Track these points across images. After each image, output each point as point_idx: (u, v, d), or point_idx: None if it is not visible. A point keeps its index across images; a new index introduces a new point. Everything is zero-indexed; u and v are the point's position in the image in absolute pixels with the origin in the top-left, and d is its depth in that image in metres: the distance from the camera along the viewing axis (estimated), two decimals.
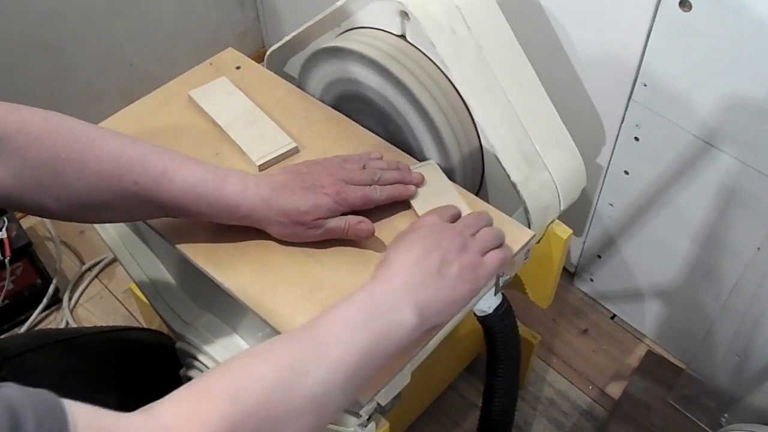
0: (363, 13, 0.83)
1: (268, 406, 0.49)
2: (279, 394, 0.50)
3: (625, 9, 0.91)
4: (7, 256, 1.20)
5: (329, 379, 0.53)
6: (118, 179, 0.63)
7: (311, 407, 0.52)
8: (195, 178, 0.66)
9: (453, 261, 0.63)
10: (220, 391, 0.48)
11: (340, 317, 0.57)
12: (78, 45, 1.37)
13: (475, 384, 1.22)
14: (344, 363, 0.54)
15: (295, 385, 0.51)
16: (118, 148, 0.64)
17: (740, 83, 0.87)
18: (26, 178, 0.62)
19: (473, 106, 0.78)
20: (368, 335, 0.57)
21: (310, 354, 0.53)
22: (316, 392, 0.52)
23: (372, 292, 0.60)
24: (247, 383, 0.49)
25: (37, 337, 0.80)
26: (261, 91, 0.89)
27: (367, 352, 0.56)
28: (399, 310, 0.59)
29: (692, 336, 1.19)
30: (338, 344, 0.55)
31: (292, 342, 0.55)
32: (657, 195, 1.08)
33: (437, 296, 0.62)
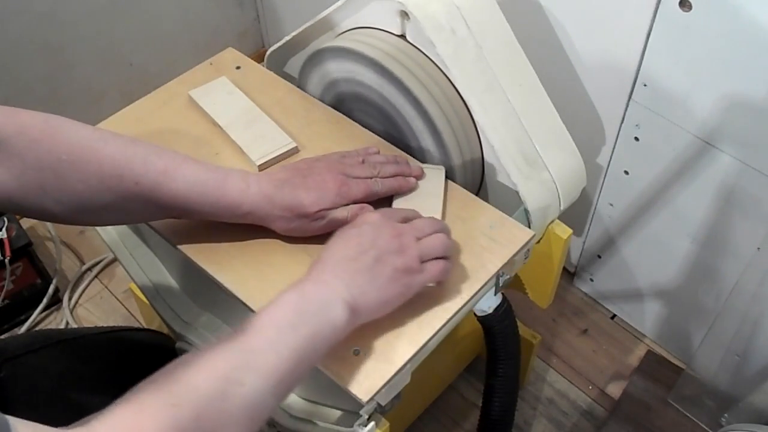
0: (363, 13, 0.83)
1: (205, 417, 0.50)
2: (215, 405, 0.50)
3: (625, 9, 0.91)
4: (7, 256, 1.20)
5: (263, 386, 0.54)
6: (118, 180, 0.63)
7: (246, 415, 0.52)
8: (196, 177, 0.66)
9: (387, 262, 0.63)
10: (158, 405, 0.48)
11: (272, 319, 0.57)
12: (78, 45, 1.37)
13: (475, 384, 1.22)
14: (277, 369, 0.55)
15: (231, 395, 0.51)
16: (118, 149, 0.64)
17: (740, 83, 0.87)
18: (28, 181, 0.62)
19: (473, 106, 0.78)
20: (299, 337, 0.57)
21: (243, 363, 0.54)
22: (251, 401, 0.53)
23: (303, 290, 0.60)
24: (183, 395, 0.50)
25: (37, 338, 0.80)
26: (261, 91, 0.89)
27: (299, 355, 0.56)
28: (330, 307, 0.60)
29: (692, 336, 1.19)
30: (270, 350, 0.55)
31: (226, 351, 0.54)
32: (657, 195, 1.08)
33: (367, 295, 0.62)
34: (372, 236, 0.64)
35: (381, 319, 0.67)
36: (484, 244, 0.74)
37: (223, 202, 0.67)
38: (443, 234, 0.68)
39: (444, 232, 0.69)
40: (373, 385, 0.64)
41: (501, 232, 0.75)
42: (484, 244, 0.74)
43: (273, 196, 0.68)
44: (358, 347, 0.66)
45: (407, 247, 0.65)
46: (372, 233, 0.64)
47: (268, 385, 0.54)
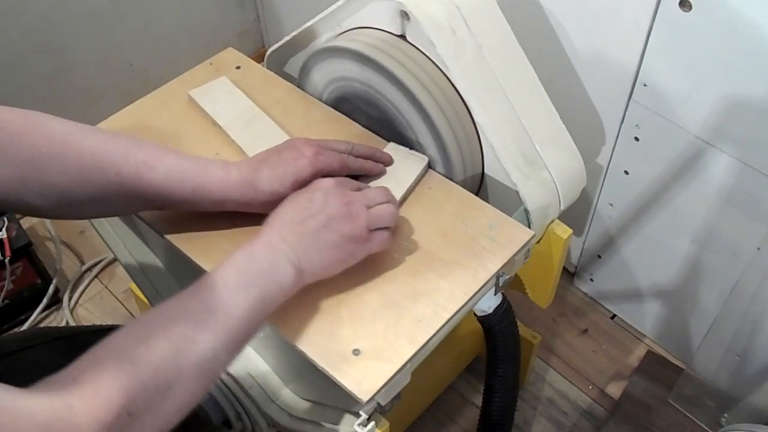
0: (363, 13, 0.83)
1: (161, 376, 0.52)
2: (171, 363, 0.53)
3: (625, 9, 0.91)
4: (7, 256, 1.20)
5: (216, 344, 0.56)
6: (99, 172, 0.64)
7: (200, 373, 0.55)
8: (176, 167, 0.67)
9: (333, 228, 0.65)
10: (118, 365, 0.50)
11: (222, 280, 0.59)
12: (78, 45, 1.37)
13: (475, 384, 1.22)
14: (229, 328, 0.57)
15: (185, 353, 0.54)
16: (98, 142, 0.65)
17: (740, 83, 0.87)
18: (8, 175, 0.62)
19: (473, 106, 0.78)
20: (249, 297, 0.59)
21: (197, 322, 0.56)
22: (204, 358, 0.55)
23: (251, 252, 0.62)
24: (142, 354, 0.52)
25: (35, 335, 0.80)
26: (261, 90, 0.89)
27: (250, 314, 0.59)
28: (277, 268, 0.62)
29: (692, 336, 1.19)
30: (221, 310, 0.57)
31: (180, 310, 0.57)
32: (657, 195, 1.08)
33: (311, 259, 0.64)
34: (322, 202, 0.66)
35: (381, 319, 0.68)
36: (484, 244, 0.74)
37: (204, 190, 0.68)
38: (392, 204, 0.70)
39: (393, 203, 0.71)
40: (373, 385, 0.64)
41: (501, 232, 0.75)
42: (484, 244, 0.74)
43: (253, 180, 0.68)
44: (358, 347, 0.66)
45: (356, 215, 0.67)
46: (322, 199, 0.66)
47: (220, 343, 0.56)
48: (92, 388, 0.49)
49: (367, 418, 0.68)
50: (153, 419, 0.52)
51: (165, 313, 0.57)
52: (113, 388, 0.49)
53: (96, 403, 0.48)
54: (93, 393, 0.48)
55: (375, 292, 0.70)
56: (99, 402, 0.48)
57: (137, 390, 0.50)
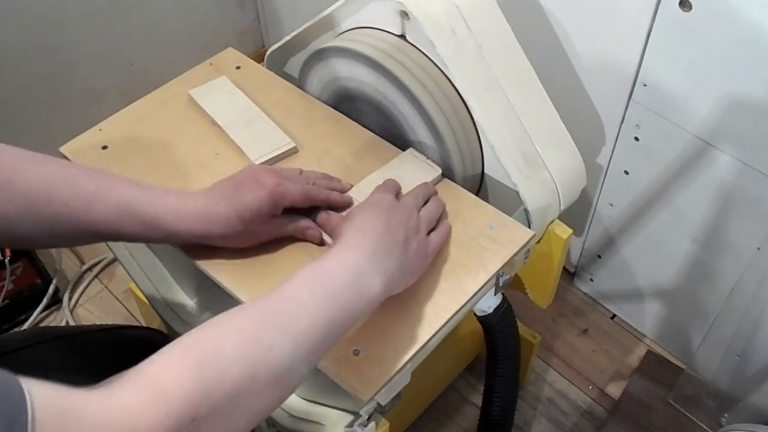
0: (363, 13, 0.83)
1: (232, 382, 0.48)
2: (243, 369, 0.49)
3: (625, 9, 0.91)
4: (7, 256, 1.20)
5: (294, 352, 0.52)
6: (47, 202, 0.61)
7: (275, 382, 0.51)
8: (129, 197, 0.64)
9: (413, 238, 0.66)
10: (183, 368, 0.47)
11: (308, 286, 0.57)
12: (78, 45, 1.36)
13: (475, 384, 1.22)
14: (309, 336, 0.54)
15: (260, 360, 0.50)
16: (48, 171, 0.62)
17: (740, 83, 0.87)
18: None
19: (473, 106, 0.78)
20: (335, 307, 0.57)
21: (275, 327, 0.53)
22: (281, 366, 0.52)
23: (343, 259, 0.60)
24: (210, 359, 0.48)
25: (36, 334, 0.80)
26: (261, 91, 0.89)
27: (332, 324, 0.56)
28: (367, 278, 0.60)
29: (692, 336, 1.19)
30: (304, 317, 0.54)
31: (257, 313, 0.54)
32: (657, 195, 1.08)
33: (402, 267, 0.64)
34: (395, 213, 0.67)
35: (381, 319, 0.68)
36: (484, 244, 0.74)
37: (158, 221, 0.64)
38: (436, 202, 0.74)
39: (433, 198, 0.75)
40: (373, 385, 0.64)
41: (501, 232, 0.75)
42: (484, 244, 0.74)
43: (209, 212, 0.66)
44: (358, 347, 0.66)
45: (420, 223, 0.69)
46: (393, 211, 0.67)
47: (300, 351, 0.53)
48: (154, 389, 0.46)
49: (367, 418, 0.68)
50: (221, 427, 0.48)
51: (241, 315, 0.53)
52: (177, 391, 0.46)
53: (156, 406, 0.45)
54: (154, 395, 0.45)
55: None
56: (159, 405, 0.45)
57: (203, 395, 0.47)
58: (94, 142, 0.83)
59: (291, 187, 0.69)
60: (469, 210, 0.77)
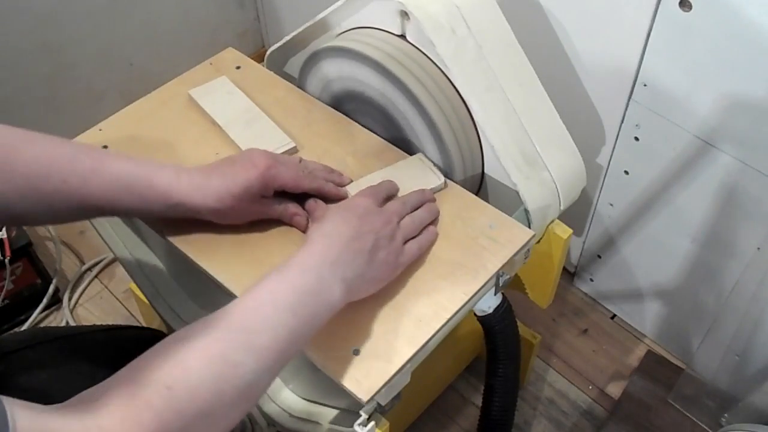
0: (363, 13, 0.83)
1: (200, 400, 0.50)
2: (211, 387, 0.50)
3: (625, 9, 0.91)
4: (7, 256, 1.20)
5: (259, 367, 0.54)
6: (45, 179, 0.63)
7: (242, 396, 0.53)
8: (124, 171, 0.65)
9: (382, 247, 0.66)
10: (153, 388, 0.48)
11: (270, 299, 0.57)
12: (78, 45, 1.36)
13: (475, 384, 1.22)
14: (273, 349, 0.55)
15: (227, 377, 0.52)
16: (44, 149, 0.63)
17: (740, 83, 0.87)
18: None
19: (473, 106, 0.78)
20: (297, 317, 0.57)
21: (240, 344, 0.53)
22: (246, 382, 0.53)
23: (304, 266, 0.60)
24: (178, 378, 0.49)
25: (36, 334, 0.80)
26: (261, 90, 0.89)
27: (295, 335, 0.57)
28: (329, 287, 0.60)
29: (692, 336, 1.19)
30: (267, 330, 0.55)
31: (221, 330, 0.54)
32: (657, 195, 1.08)
33: (364, 276, 0.64)
34: (370, 220, 0.66)
35: (381, 319, 0.68)
36: (484, 244, 0.74)
37: (152, 194, 0.66)
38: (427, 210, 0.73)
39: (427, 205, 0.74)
40: (373, 385, 0.64)
41: (501, 232, 0.75)
42: (484, 244, 0.74)
43: (202, 186, 0.67)
44: (358, 347, 0.66)
45: (395, 232, 0.68)
46: (370, 218, 0.67)
47: (265, 365, 0.54)
48: (126, 412, 0.47)
49: (367, 418, 0.68)
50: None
51: (205, 332, 0.54)
52: (148, 414, 0.47)
53: (129, 429, 0.46)
54: (127, 418, 0.46)
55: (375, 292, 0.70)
56: (132, 428, 0.46)
57: (173, 416, 0.48)
58: (94, 142, 0.83)
59: (283, 171, 0.70)
60: (469, 210, 0.77)
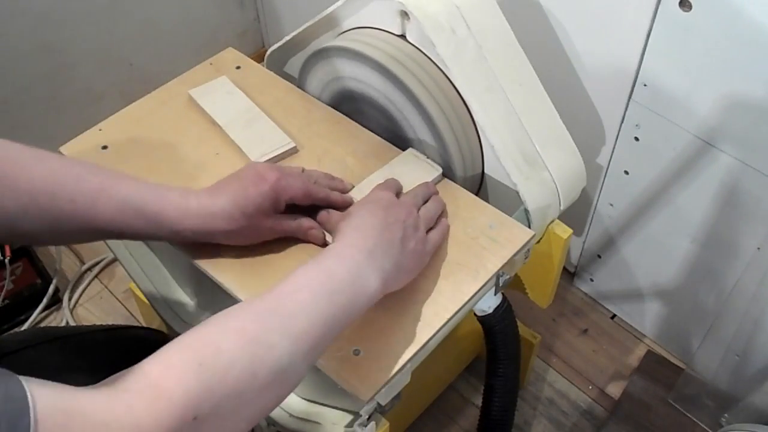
0: (363, 13, 0.83)
1: (233, 380, 0.49)
2: (243, 368, 0.50)
3: (625, 9, 0.91)
4: (7, 256, 1.20)
5: (294, 350, 0.53)
6: (51, 198, 0.61)
7: (276, 380, 0.52)
8: (133, 194, 0.64)
9: (411, 236, 0.66)
10: (184, 367, 0.48)
11: (307, 285, 0.57)
12: (78, 45, 1.36)
13: (475, 384, 1.22)
14: (309, 334, 0.54)
15: (261, 358, 0.51)
16: (51, 168, 0.62)
17: (740, 83, 0.87)
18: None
19: (473, 106, 0.78)
20: (334, 305, 0.57)
21: (275, 326, 0.53)
22: (281, 365, 0.52)
23: (341, 257, 0.60)
24: (210, 358, 0.49)
25: (37, 334, 0.80)
26: (261, 90, 0.89)
27: (331, 322, 0.57)
28: (366, 276, 0.60)
29: (692, 336, 1.19)
30: (304, 315, 0.55)
31: (256, 313, 0.54)
32: (657, 195, 1.08)
33: (399, 265, 0.64)
34: (394, 211, 0.67)
35: (381, 319, 0.67)
36: (484, 244, 0.74)
37: (161, 218, 0.65)
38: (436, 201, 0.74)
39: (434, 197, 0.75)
40: (373, 385, 0.64)
41: (501, 232, 0.75)
42: (484, 244, 0.74)
43: (212, 208, 0.66)
44: (358, 347, 0.66)
45: (418, 222, 0.69)
46: (392, 209, 0.67)
47: (300, 350, 0.53)
48: (156, 388, 0.46)
49: (367, 418, 0.68)
50: (222, 425, 0.49)
51: (241, 315, 0.53)
52: (178, 390, 0.46)
53: (159, 405, 0.45)
54: (156, 394, 0.46)
55: None
56: (162, 404, 0.45)
57: (204, 394, 0.47)
58: (94, 142, 0.83)
59: (293, 182, 0.69)
60: (469, 210, 0.77)
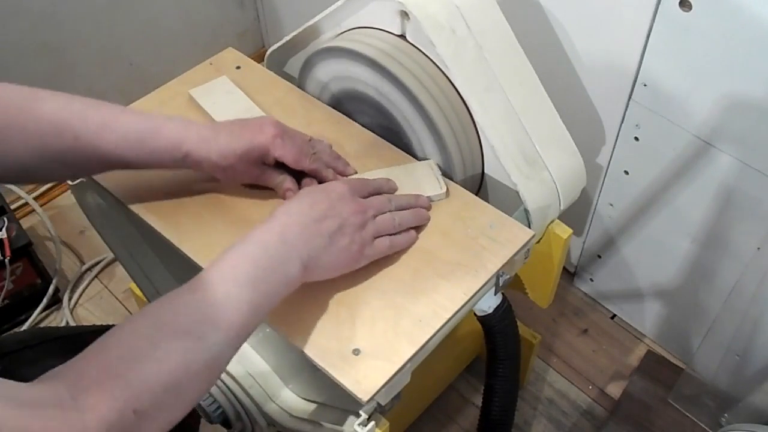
0: (363, 13, 0.83)
1: (168, 374, 0.51)
2: (178, 360, 0.52)
3: (625, 9, 0.91)
4: (7, 256, 1.20)
5: (222, 340, 0.56)
6: (57, 137, 0.64)
7: (208, 369, 0.55)
8: (135, 125, 0.67)
9: (346, 234, 0.67)
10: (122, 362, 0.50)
11: (232, 275, 0.59)
12: (78, 45, 1.37)
13: (475, 384, 1.22)
14: (236, 323, 0.57)
15: (193, 350, 0.53)
16: (55, 107, 0.66)
17: (740, 83, 0.87)
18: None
19: (473, 106, 0.78)
20: (258, 293, 0.59)
21: (204, 318, 0.55)
22: (212, 355, 0.55)
23: (265, 244, 0.62)
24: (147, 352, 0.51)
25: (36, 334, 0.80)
26: (261, 90, 0.89)
27: (256, 309, 0.59)
28: (288, 264, 0.62)
29: (692, 336, 1.19)
30: (230, 305, 0.57)
31: (186, 304, 0.56)
32: (657, 195, 1.08)
33: (321, 258, 0.65)
34: (338, 205, 0.67)
35: (381, 319, 0.67)
36: (484, 244, 0.74)
37: (162, 144, 0.68)
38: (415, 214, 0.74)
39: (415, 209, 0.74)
40: (373, 385, 0.64)
41: (501, 232, 0.75)
42: (484, 244, 0.74)
43: (210, 139, 0.69)
44: (358, 347, 0.66)
45: (367, 223, 0.69)
46: (339, 202, 0.67)
47: (227, 338, 0.56)
48: (96, 384, 0.48)
49: (367, 418, 0.68)
50: (161, 417, 0.51)
51: (170, 307, 0.56)
52: (118, 387, 0.49)
53: (100, 401, 0.47)
54: (97, 390, 0.48)
55: (375, 292, 0.70)
56: (103, 400, 0.47)
57: (143, 388, 0.50)
58: None
59: (288, 144, 0.72)
60: (469, 210, 0.77)
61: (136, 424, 0.49)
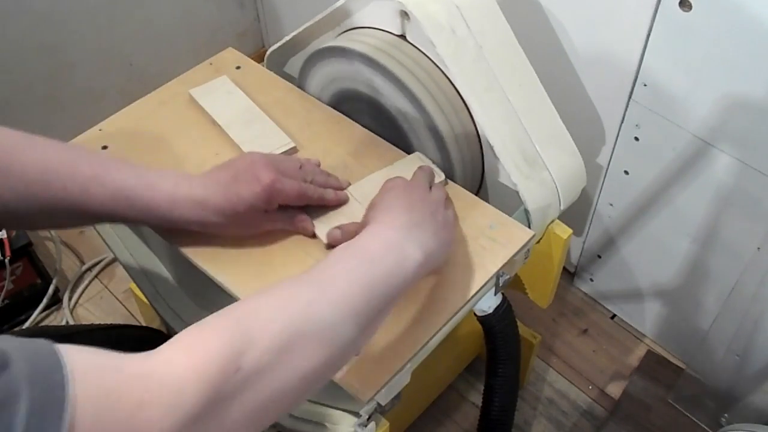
0: (363, 13, 0.83)
1: (275, 334, 0.48)
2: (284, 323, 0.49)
3: (625, 9, 0.91)
4: (7, 256, 1.20)
5: (334, 310, 0.53)
6: (44, 186, 0.61)
7: (321, 340, 0.51)
8: (125, 182, 0.64)
9: (437, 210, 0.68)
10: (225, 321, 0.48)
11: (342, 260, 0.58)
12: (78, 45, 1.36)
13: (475, 384, 1.22)
14: (348, 296, 0.54)
15: (299, 314, 0.51)
16: (44, 154, 0.62)
17: (740, 83, 0.87)
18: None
19: (473, 106, 0.78)
20: (372, 274, 0.57)
21: (310, 287, 0.54)
22: (323, 324, 0.52)
23: (376, 234, 0.62)
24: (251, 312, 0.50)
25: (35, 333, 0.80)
26: (261, 90, 0.89)
27: (372, 288, 0.56)
28: (404, 249, 0.61)
29: (692, 336, 1.19)
30: (341, 280, 0.55)
31: (291, 281, 0.55)
32: (657, 195, 1.08)
33: (437, 236, 0.65)
34: (416, 192, 0.68)
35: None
36: (484, 244, 0.74)
37: (152, 208, 0.65)
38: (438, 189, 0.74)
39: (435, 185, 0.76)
40: (373, 385, 0.64)
41: (501, 232, 0.75)
42: (484, 244, 0.74)
43: (203, 200, 0.66)
44: None
45: (439, 198, 0.71)
46: (414, 189, 0.69)
47: (341, 310, 0.53)
48: (196, 341, 0.46)
49: (367, 418, 0.68)
50: (267, 381, 0.47)
51: (276, 285, 0.54)
52: (218, 342, 0.45)
53: (199, 356, 0.44)
54: (196, 346, 0.45)
55: None
56: (202, 354, 0.44)
57: (246, 345, 0.46)
58: (94, 142, 0.83)
59: (288, 185, 0.69)
60: (469, 210, 0.77)
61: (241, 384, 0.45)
